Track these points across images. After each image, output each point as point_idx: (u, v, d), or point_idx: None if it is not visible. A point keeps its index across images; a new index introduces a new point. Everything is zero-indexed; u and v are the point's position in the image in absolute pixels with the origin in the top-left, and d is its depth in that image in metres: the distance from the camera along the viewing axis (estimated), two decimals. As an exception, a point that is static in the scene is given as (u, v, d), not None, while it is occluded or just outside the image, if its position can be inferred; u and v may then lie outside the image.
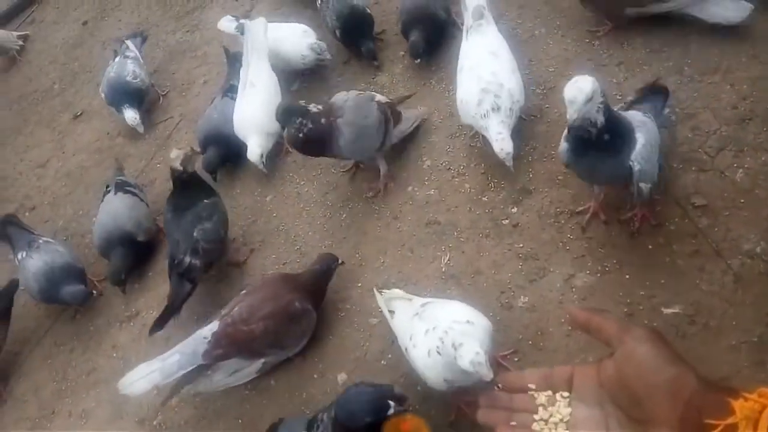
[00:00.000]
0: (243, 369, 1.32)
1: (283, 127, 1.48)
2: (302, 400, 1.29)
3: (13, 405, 1.62)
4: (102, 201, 1.80)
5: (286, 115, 1.45)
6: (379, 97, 1.57)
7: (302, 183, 1.75)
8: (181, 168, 1.53)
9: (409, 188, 1.58)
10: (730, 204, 1.17)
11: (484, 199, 1.47)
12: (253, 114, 1.75)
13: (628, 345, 0.62)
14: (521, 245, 1.34)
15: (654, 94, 1.27)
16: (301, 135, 1.43)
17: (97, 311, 1.73)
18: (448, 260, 1.40)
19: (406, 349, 1.12)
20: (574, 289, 1.22)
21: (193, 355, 1.27)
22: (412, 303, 1.20)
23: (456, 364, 0.94)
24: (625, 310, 1.15)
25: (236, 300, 1.38)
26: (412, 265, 1.44)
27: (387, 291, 1.28)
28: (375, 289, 1.29)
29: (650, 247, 1.20)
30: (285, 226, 1.67)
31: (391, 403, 0.91)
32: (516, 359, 1.17)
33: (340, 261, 1.44)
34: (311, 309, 1.36)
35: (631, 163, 1.06)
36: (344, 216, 1.62)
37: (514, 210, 1.41)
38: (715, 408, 0.53)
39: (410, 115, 1.65)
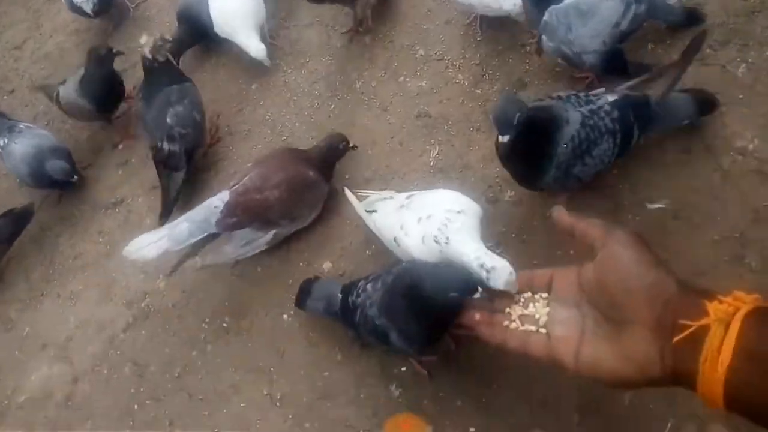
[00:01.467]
0: (255, 240, 1.30)
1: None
2: (288, 286, 1.30)
3: (3, 287, 1.65)
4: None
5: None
6: None
7: (289, 71, 1.68)
8: (150, 56, 1.47)
9: (401, 79, 1.53)
10: (728, 99, 1.14)
11: (478, 91, 1.43)
12: (240, 8, 1.64)
13: (610, 249, 0.63)
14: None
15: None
16: None
17: (82, 198, 1.71)
18: (437, 154, 1.38)
19: (395, 239, 1.10)
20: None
21: (204, 222, 1.25)
22: (395, 198, 1.19)
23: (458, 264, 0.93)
24: (611, 205, 1.14)
25: (245, 171, 1.35)
26: (400, 159, 1.42)
27: (361, 192, 1.24)
28: (347, 190, 1.24)
29: (641, 143, 1.17)
30: (271, 116, 1.62)
31: (480, 288, 0.84)
32: (498, 251, 1.18)
33: (351, 144, 1.40)
34: (323, 180, 1.34)
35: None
36: (333, 107, 1.57)
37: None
38: (691, 310, 0.53)
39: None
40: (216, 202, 1.28)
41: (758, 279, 0.98)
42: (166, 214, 1.49)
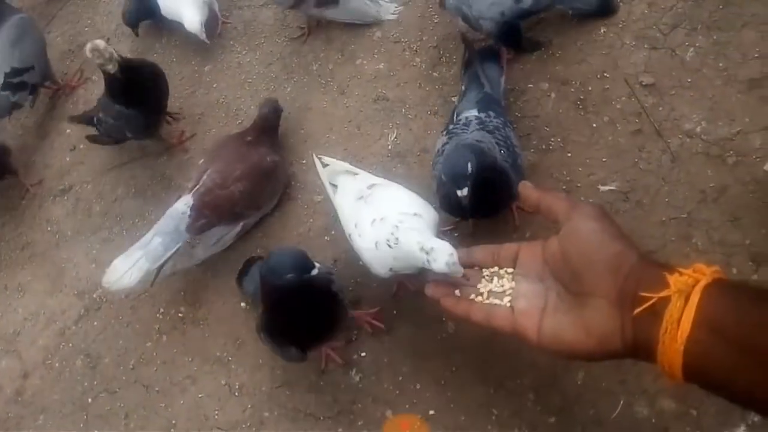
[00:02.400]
0: (225, 235, 1.29)
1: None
2: (245, 273, 1.28)
3: (-54, 280, 1.58)
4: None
5: None
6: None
7: (244, 53, 1.64)
8: None
9: (358, 61, 1.51)
10: (677, 83, 1.16)
11: (435, 74, 1.42)
12: None
13: (574, 222, 0.63)
14: (470, 126, 1.31)
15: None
16: None
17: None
18: (395, 137, 1.37)
19: (350, 236, 1.08)
20: (517, 168, 1.22)
21: (175, 232, 1.22)
22: (357, 180, 1.17)
23: (406, 258, 0.92)
24: (564, 187, 1.16)
25: (200, 170, 1.31)
26: (358, 142, 1.40)
27: (330, 160, 1.21)
28: (315, 156, 1.21)
29: (595, 125, 1.19)
30: (225, 99, 1.58)
31: (317, 264, 0.87)
32: (455, 234, 1.19)
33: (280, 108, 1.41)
34: (281, 158, 1.34)
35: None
36: (289, 89, 1.54)
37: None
38: (653, 282, 0.54)
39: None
40: (182, 207, 1.25)
41: (705, 258, 1.01)
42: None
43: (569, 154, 1.18)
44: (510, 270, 0.73)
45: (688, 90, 1.16)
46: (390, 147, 1.36)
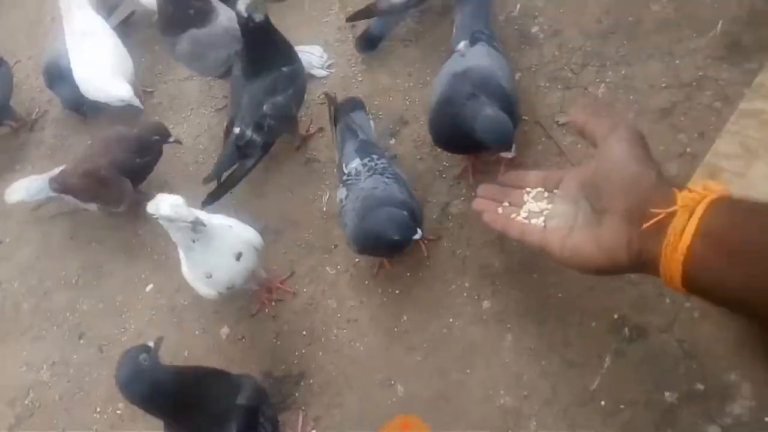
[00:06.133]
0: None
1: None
2: (185, 358, 1.23)
3: None
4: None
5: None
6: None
7: (171, 127, 1.59)
8: (245, 14, 1.18)
9: (286, 125, 1.50)
10: (592, 120, 1.19)
11: (362, 131, 1.42)
12: (104, 63, 1.56)
13: (607, 143, 0.66)
14: (400, 177, 1.31)
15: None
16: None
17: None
18: (329, 199, 1.36)
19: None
20: (450, 217, 1.22)
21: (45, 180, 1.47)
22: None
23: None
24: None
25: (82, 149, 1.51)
26: (292, 206, 1.38)
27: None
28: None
29: (520, 168, 1.20)
30: (155, 172, 1.53)
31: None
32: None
33: (172, 138, 1.47)
34: (121, 179, 1.43)
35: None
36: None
37: (392, 141, 1.37)
38: (664, 200, 0.57)
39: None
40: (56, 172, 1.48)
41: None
42: (210, 201, 1.33)
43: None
44: (551, 192, 0.80)
45: (603, 125, 1.18)
46: (324, 209, 1.35)
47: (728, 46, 1.18)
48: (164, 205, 0.97)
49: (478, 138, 0.97)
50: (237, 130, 1.31)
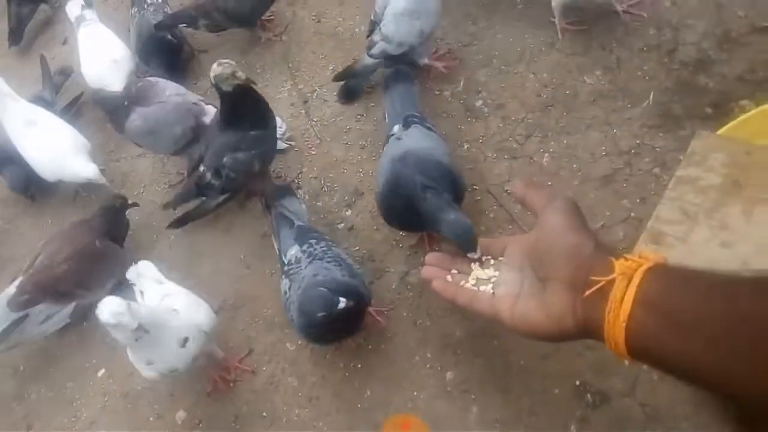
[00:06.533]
0: (54, 314, 1.37)
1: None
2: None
3: None
4: None
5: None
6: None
7: (123, 204, 1.60)
8: (213, 82, 1.27)
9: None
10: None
11: (319, 204, 1.44)
12: (62, 144, 1.57)
13: (546, 214, 0.69)
14: (357, 248, 1.32)
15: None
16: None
17: None
18: (286, 273, 1.35)
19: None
20: (409, 286, 1.23)
21: (2, 309, 1.32)
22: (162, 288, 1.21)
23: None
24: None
25: (35, 254, 1.41)
26: (250, 281, 1.37)
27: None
28: None
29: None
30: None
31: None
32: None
33: (129, 201, 1.50)
34: (114, 245, 1.44)
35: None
36: (172, 237, 1.50)
37: (348, 213, 1.39)
38: (603, 268, 0.59)
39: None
40: (11, 289, 1.35)
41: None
42: (175, 226, 1.49)
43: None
44: (497, 260, 0.81)
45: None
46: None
47: (661, 115, 1.26)
48: (106, 311, 0.95)
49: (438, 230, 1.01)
50: (201, 168, 1.39)
